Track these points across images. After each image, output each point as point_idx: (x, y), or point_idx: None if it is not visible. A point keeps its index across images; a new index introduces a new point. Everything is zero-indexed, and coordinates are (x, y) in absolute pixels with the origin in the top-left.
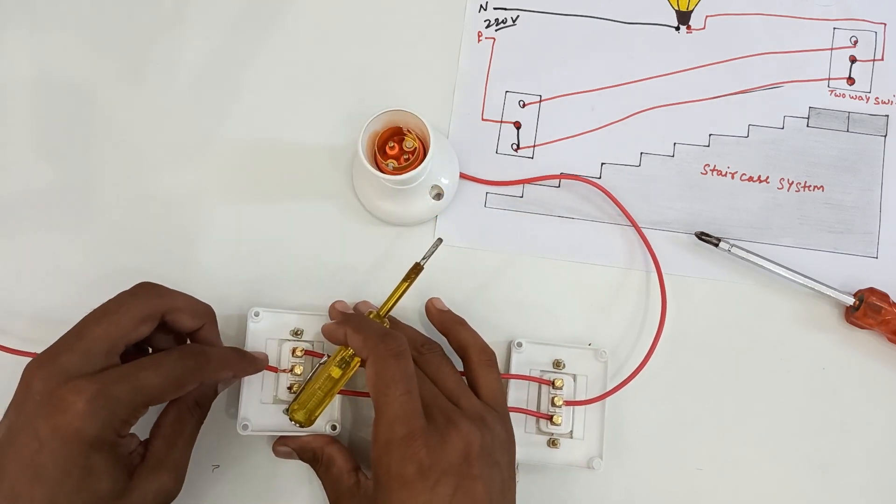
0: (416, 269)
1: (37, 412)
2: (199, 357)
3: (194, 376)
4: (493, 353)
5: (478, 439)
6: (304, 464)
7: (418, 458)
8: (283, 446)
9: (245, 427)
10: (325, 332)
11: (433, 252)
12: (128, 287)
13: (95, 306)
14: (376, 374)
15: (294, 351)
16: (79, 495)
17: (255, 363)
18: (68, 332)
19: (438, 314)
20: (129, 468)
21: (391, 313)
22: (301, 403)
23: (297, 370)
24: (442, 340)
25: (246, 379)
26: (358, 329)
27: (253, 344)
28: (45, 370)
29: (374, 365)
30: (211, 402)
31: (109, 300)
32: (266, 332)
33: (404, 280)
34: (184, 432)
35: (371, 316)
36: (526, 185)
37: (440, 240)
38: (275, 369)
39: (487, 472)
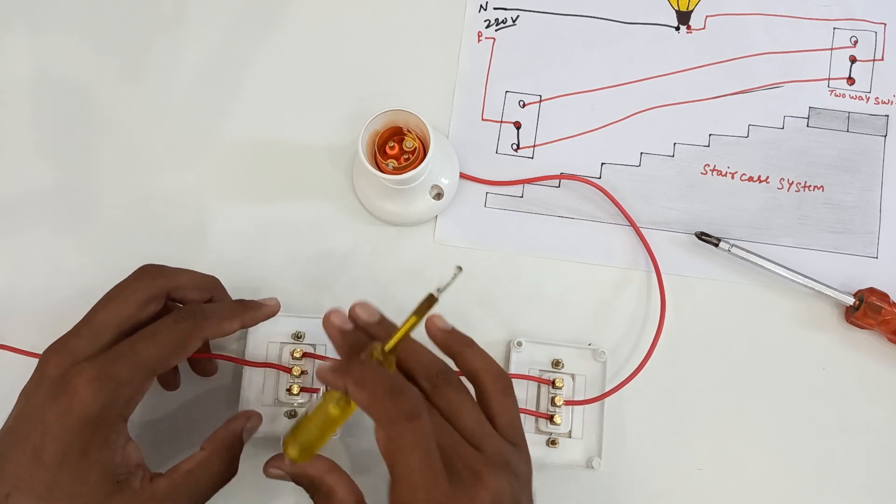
0: (430, 302)
1: (46, 397)
2: (197, 315)
3: (194, 336)
4: (509, 379)
5: (507, 490)
6: None
7: None
8: (276, 469)
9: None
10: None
11: (451, 283)
12: None
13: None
14: (388, 440)
15: (293, 353)
16: (75, 482)
17: (263, 309)
18: (81, 319)
19: (443, 335)
20: (122, 475)
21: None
22: (295, 437)
23: (296, 370)
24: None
25: (245, 382)
26: (361, 383)
27: (254, 349)
28: (56, 355)
29: (385, 429)
30: (239, 452)
31: (114, 286)
32: (266, 335)
33: (415, 313)
34: (196, 482)
35: (376, 354)
36: (526, 185)
37: (460, 269)
38: (283, 367)
39: None
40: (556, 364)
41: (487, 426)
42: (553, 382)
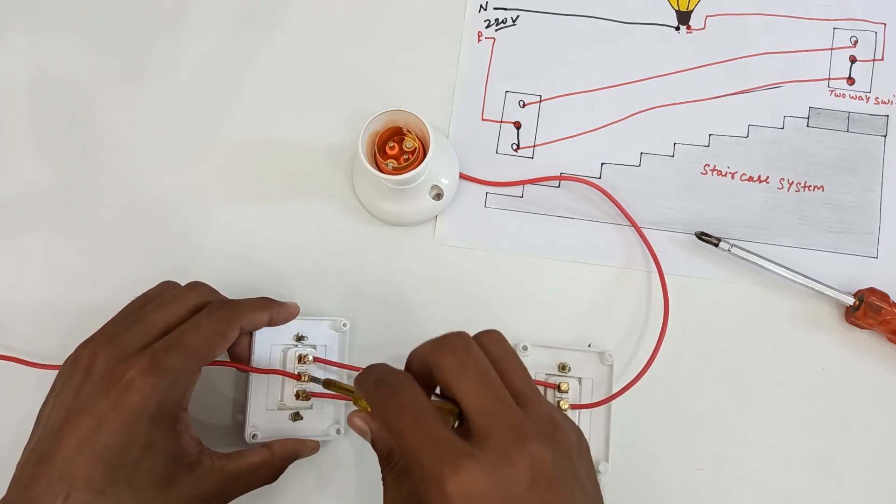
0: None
1: (97, 391)
2: (230, 305)
3: (231, 324)
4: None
5: (548, 455)
6: (310, 469)
7: (468, 494)
8: (361, 421)
9: (254, 436)
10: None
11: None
12: (126, 286)
13: (95, 306)
14: (384, 424)
15: (303, 358)
16: (138, 473)
17: (287, 307)
18: (125, 317)
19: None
20: (193, 455)
21: None
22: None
23: (305, 377)
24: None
25: (253, 385)
26: (359, 383)
27: (259, 353)
28: (106, 350)
29: (380, 416)
30: (286, 466)
31: (166, 292)
32: (270, 338)
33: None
34: (254, 475)
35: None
36: (526, 185)
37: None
38: (291, 375)
39: (567, 493)
40: (563, 368)
41: (532, 385)
42: (559, 386)
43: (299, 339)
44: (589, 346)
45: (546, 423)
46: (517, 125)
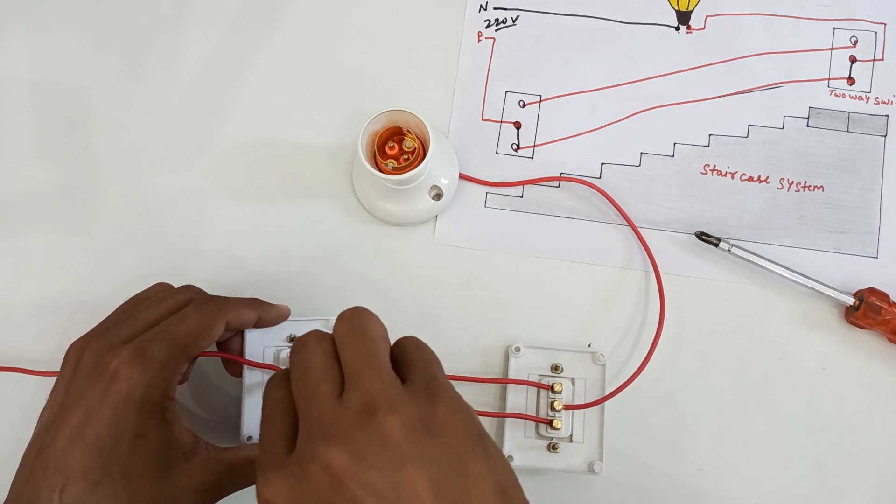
0: None
1: (86, 383)
2: (217, 301)
3: (218, 318)
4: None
5: (342, 456)
6: None
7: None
8: None
9: (249, 439)
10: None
11: None
12: (125, 285)
13: (95, 305)
14: None
15: None
16: (132, 463)
17: (278, 308)
18: (118, 315)
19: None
20: (188, 445)
21: None
22: None
23: None
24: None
25: (247, 390)
26: None
27: (252, 353)
28: (95, 344)
29: None
30: None
31: (159, 293)
32: (262, 339)
33: None
34: (252, 471)
35: None
36: (526, 185)
37: None
38: (277, 368)
39: (382, 481)
40: (556, 368)
41: (372, 363)
42: (552, 387)
43: (292, 340)
44: (589, 346)
45: (360, 411)
46: (517, 125)
